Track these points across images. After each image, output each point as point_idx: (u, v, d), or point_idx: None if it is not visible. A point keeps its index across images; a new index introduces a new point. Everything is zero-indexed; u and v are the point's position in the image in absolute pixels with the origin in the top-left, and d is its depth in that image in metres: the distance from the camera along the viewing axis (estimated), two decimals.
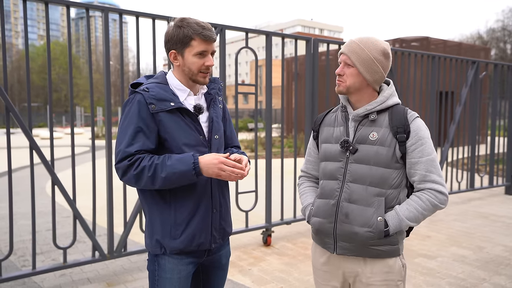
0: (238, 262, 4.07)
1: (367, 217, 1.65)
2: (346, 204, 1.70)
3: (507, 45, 43.12)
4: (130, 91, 1.72)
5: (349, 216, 1.68)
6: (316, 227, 1.80)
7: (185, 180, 1.62)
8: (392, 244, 1.68)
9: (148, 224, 1.77)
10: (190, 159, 1.61)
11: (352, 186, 1.69)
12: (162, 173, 1.59)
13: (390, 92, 1.73)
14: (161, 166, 1.60)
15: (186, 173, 1.60)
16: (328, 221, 1.74)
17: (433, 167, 1.66)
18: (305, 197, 1.93)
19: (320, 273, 1.85)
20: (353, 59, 1.68)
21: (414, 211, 1.65)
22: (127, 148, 1.62)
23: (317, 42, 4.91)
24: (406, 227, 1.66)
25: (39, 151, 3.34)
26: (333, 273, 1.79)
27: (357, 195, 1.68)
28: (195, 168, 1.60)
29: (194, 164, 1.60)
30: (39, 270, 3.42)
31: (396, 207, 1.67)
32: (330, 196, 1.75)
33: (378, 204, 1.66)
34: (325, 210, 1.76)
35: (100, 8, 3.54)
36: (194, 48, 1.69)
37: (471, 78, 6.80)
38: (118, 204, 4.40)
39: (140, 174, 1.60)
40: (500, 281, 3.60)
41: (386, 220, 1.65)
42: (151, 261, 1.79)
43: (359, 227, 1.66)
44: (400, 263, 1.73)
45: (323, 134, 1.84)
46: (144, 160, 1.61)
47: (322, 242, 1.81)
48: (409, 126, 1.66)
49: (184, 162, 1.61)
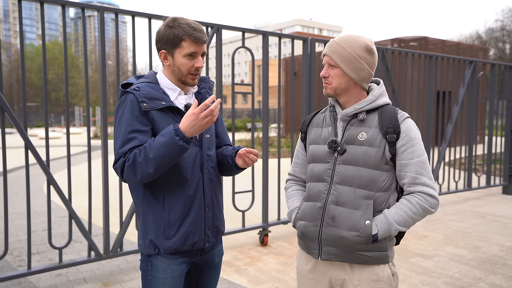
0: (234, 262, 4.07)
1: (355, 221, 1.59)
2: (333, 206, 1.64)
3: (506, 45, 43.18)
4: (121, 91, 1.71)
5: (336, 219, 1.62)
6: (301, 231, 1.74)
7: (175, 150, 1.57)
8: (380, 250, 1.61)
9: (141, 225, 1.76)
10: (170, 128, 1.59)
11: (339, 188, 1.64)
12: (150, 153, 1.56)
13: (380, 91, 1.69)
14: (149, 148, 1.57)
15: (170, 142, 1.55)
16: (314, 224, 1.67)
17: (423, 169, 1.60)
18: (292, 200, 1.86)
19: (305, 280, 1.77)
20: (336, 59, 1.63)
21: (403, 214, 1.58)
22: (121, 148, 1.62)
23: (314, 42, 4.91)
24: (395, 231, 1.59)
25: (35, 151, 3.33)
26: (320, 281, 1.72)
27: (344, 198, 1.62)
28: (178, 134, 1.56)
29: (175, 131, 1.57)
30: (34, 270, 3.41)
31: (384, 211, 1.61)
32: (316, 199, 1.69)
33: (366, 207, 1.59)
34: (311, 213, 1.69)
35: (96, 8, 3.54)
36: (184, 49, 1.68)
37: (468, 77, 6.80)
38: (114, 204, 4.40)
39: (133, 163, 1.58)
40: (496, 280, 3.61)
41: (374, 224, 1.58)
42: (144, 261, 1.78)
43: (346, 231, 1.59)
44: (390, 271, 1.65)
45: (311, 135, 1.80)
46: (135, 150, 1.61)
47: (306, 247, 1.74)
48: (399, 126, 1.61)
49: (165, 133, 1.58)
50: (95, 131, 24.04)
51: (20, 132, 3.28)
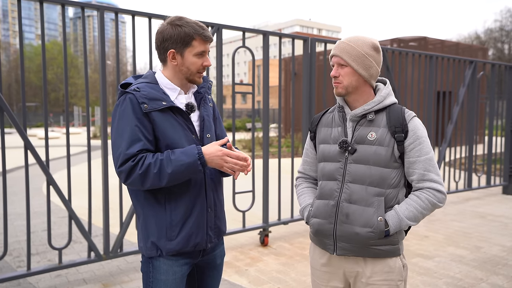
0: (235, 263, 4.05)
1: (368, 217, 1.66)
2: (346, 204, 1.70)
3: (505, 45, 43.22)
4: (120, 91, 1.68)
5: (350, 216, 1.68)
6: (315, 228, 1.80)
7: (191, 173, 1.60)
8: (393, 244, 1.69)
9: (142, 227, 1.73)
10: (194, 150, 1.59)
11: (351, 186, 1.70)
12: (168, 169, 1.55)
13: (387, 91, 1.74)
14: (166, 161, 1.56)
15: (192, 164, 1.57)
16: (328, 221, 1.74)
17: (431, 166, 1.67)
18: (304, 198, 1.92)
19: (319, 273, 1.84)
20: (346, 58, 1.68)
21: (413, 210, 1.66)
22: (128, 149, 1.57)
23: (314, 41, 4.90)
24: (406, 226, 1.67)
25: (34, 151, 3.31)
26: (334, 274, 1.79)
27: (357, 196, 1.69)
28: (200, 159, 1.58)
29: (198, 155, 1.58)
30: (34, 270, 3.39)
31: (395, 207, 1.68)
32: (329, 197, 1.75)
33: (378, 204, 1.66)
34: (325, 210, 1.76)
35: (96, 7, 3.52)
36: (195, 48, 1.67)
37: (468, 77, 6.80)
38: (114, 204, 4.38)
39: (146, 173, 1.55)
40: (498, 281, 3.60)
41: (386, 220, 1.66)
42: (145, 263, 1.76)
43: (360, 228, 1.66)
44: (401, 263, 1.73)
45: (321, 135, 1.84)
46: (148, 157, 1.58)
47: (321, 243, 1.81)
48: (407, 125, 1.67)
49: (188, 154, 1.58)
50: (94, 131, 24.01)
51: (20, 132, 3.26)
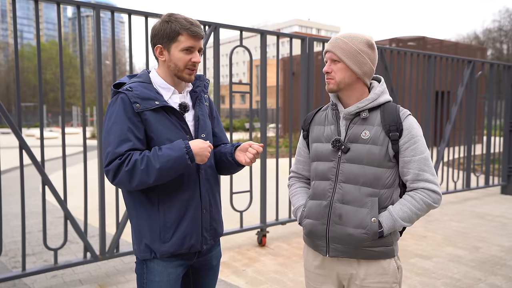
0: (232, 263, 4.03)
1: (361, 218, 1.61)
2: (339, 205, 1.66)
3: (503, 45, 43.28)
4: (113, 91, 1.66)
5: (343, 217, 1.64)
6: (308, 229, 1.76)
7: (180, 167, 1.57)
8: (387, 245, 1.65)
9: (135, 229, 1.71)
10: (181, 144, 1.57)
11: (345, 186, 1.66)
12: (156, 164, 1.53)
13: (382, 89, 1.70)
14: (154, 157, 1.54)
15: (180, 158, 1.55)
16: (321, 222, 1.70)
17: (426, 166, 1.63)
18: (297, 198, 1.88)
19: (312, 276, 1.81)
20: (339, 53, 1.65)
21: (408, 211, 1.62)
22: (116, 149, 1.56)
23: (312, 41, 4.88)
24: (400, 227, 1.63)
25: (29, 151, 3.29)
26: (328, 276, 1.75)
27: (350, 196, 1.64)
28: (188, 152, 1.56)
29: (186, 149, 1.56)
30: (29, 271, 3.37)
31: (389, 208, 1.64)
32: (322, 197, 1.71)
33: (371, 204, 1.62)
34: (317, 211, 1.71)
35: (92, 6, 3.49)
36: (181, 43, 1.65)
37: (467, 77, 6.78)
38: (110, 204, 4.35)
39: (133, 170, 1.53)
40: (496, 281, 3.58)
41: (379, 221, 1.62)
42: (139, 264, 1.74)
43: (353, 229, 1.62)
44: (395, 264, 1.69)
45: (314, 133, 1.80)
46: (135, 155, 1.55)
47: (313, 245, 1.77)
48: (401, 124, 1.63)
49: (176, 149, 1.56)
50: (93, 131, 23.97)
51: (15, 132, 3.23)
